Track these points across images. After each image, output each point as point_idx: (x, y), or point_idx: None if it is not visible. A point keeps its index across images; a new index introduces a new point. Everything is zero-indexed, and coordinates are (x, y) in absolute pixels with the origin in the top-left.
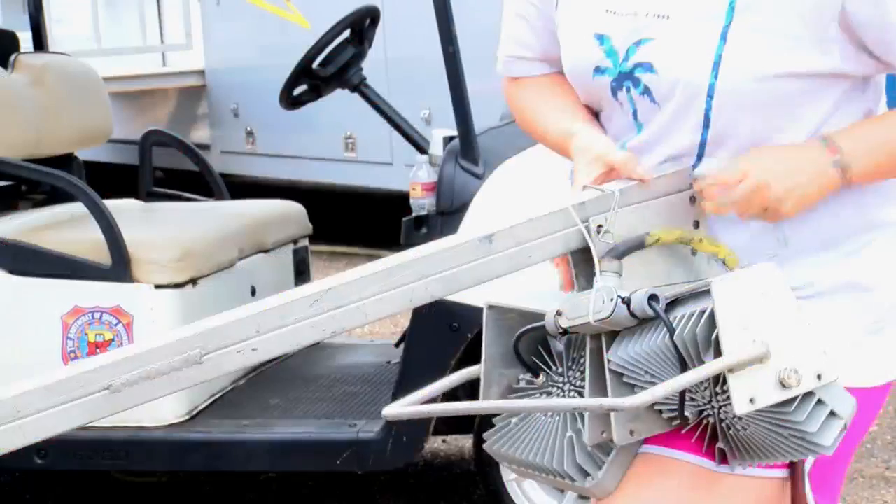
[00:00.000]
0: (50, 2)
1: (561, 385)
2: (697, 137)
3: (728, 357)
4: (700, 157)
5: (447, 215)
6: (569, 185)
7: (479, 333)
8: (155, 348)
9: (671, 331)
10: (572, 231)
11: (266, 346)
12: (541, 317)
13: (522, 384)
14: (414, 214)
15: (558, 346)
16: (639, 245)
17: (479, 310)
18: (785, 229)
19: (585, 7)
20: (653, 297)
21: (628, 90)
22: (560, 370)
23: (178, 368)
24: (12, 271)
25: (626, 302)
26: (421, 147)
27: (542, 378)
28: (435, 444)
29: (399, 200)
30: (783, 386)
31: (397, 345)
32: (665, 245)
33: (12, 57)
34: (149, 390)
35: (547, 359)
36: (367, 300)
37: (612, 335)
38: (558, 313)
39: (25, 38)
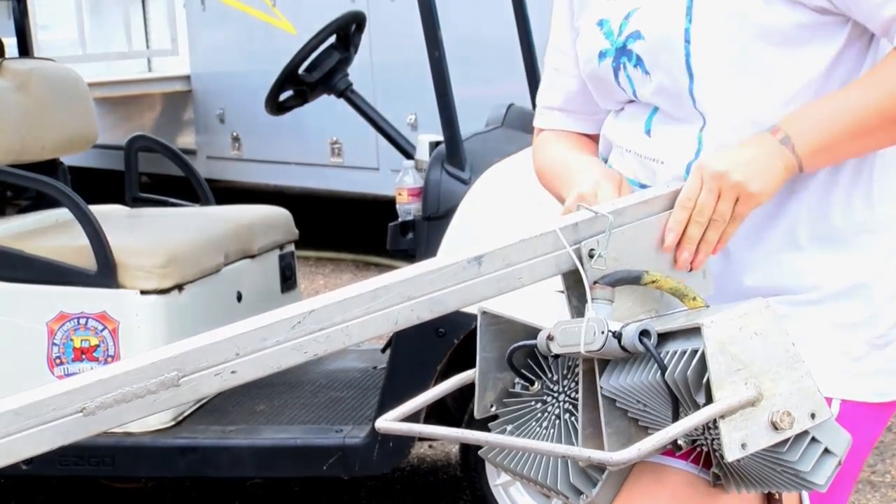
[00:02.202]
0: (35, 7)
1: (556, 394)
2: (687, 88)
3: (719, 404)
4: (701, 115)
5: (433, 220)
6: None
7: (466, 339)
8: (130, 370)
9: (663, 369)
10: (564, 253)
11: (245, 368)
12: (532, 331)
13: (518, 388)
14: (400, 220)
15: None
16: (634, 280)
17: (466, 315)
18: (798, 225)
19: (594, 6)
20: (644, 333)
21: (625, 67)
22: (555, 378)
23: (155, 391)
24: None
25: (618, 336)
26: (407, 152)
27: (537, 385)
28: (421, 449)
29: (385, 206)
30: (775, 428)
31: (383, 350)
32: (659, 286)
33: None
34: (124, 413)
35: (542, 363)
36: (351, 322)
37: (605, 360)
38: (550, 338)
39: (10, 44)
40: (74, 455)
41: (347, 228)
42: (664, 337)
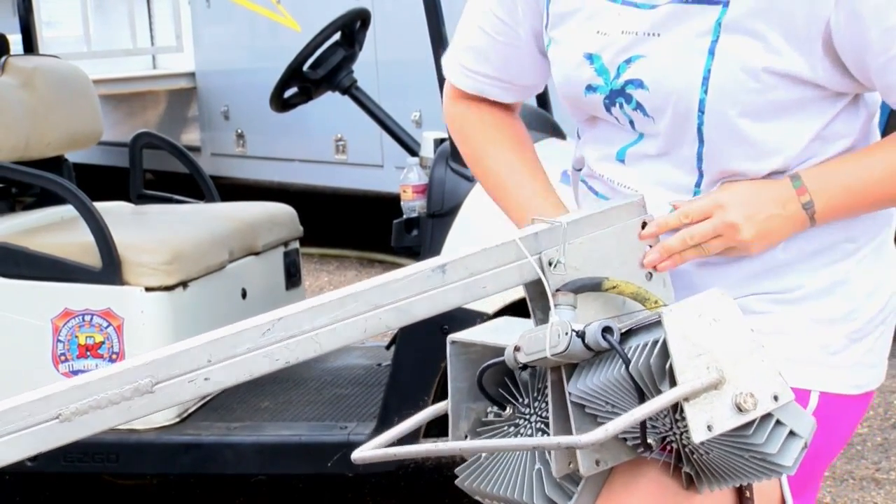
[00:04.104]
0: (40, 4)
1: (528, 417)
2: (694, 150)
3: (682, 387)
4: (701, 172)
5: (437, 218)
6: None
7: None
8: (105, 377)
9: (626, 362)
10: (526, 263)
11: (218, 375)
12: (503, 351)
13: (491, 416)
14: (404, 217)
15: (524, 376)
16: (595, 287)
17: (471, 312)
18: (776, 249)
19: (577, 27)
20: (606, 330)
21: (621, 106)
22: (526, 401)
23: (129, 398)
24: (2, 274)
25: (581, 335)
26: (411, 149)
27: (509, 410)
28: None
29: (390, 203)
30: (740, 410)
31: (388, 347)
32: (620, 292)
33: (2, 59)
34: (99, 420)
35: (513, 390)
36: (321, 330)
37: (572, 366)
38: (517, 349)
39: (15, 41)
40: (79, 452)
41: (352, 225)
42: (627, 335)
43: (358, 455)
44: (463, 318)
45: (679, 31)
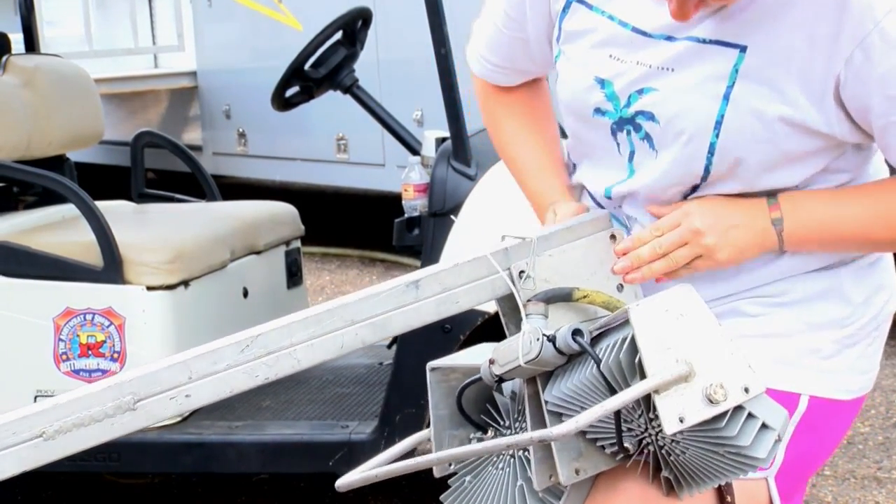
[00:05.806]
0: (41, 3)
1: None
2: (689, 188)
3: (652, 379)
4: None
5: (439, 217)
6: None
7: (471, 335)
8: (88, 395)
9: (597, 361)
10: (498, 277)
11: (199, 392)
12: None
13: (474, 442)
14: (406, 216)
15: (504, 399)
16: (566, 297)
17: (472, 311)
18: (779, 283)
19: (589, 48)
20: (576, 332)
21: (629, 133)
22: (507, 423)
23: (112, 415)
24: (3, 273)
25: (552, 340)
26: (413, 148)
27: (490, 433)
28: (428, 445)
29: (391, 202)
30: (711, 402)
31: (389, 346)
32: (591, 301)
33: (3, 58)
34: (83, 437)
35: (494, 414)
36: (298, 346)
37: (547, 377)
38: (491, 362)
39: (17, 40)
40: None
41: (353, 224)
42: (598, 338)
43: (342, 482)
44: (465, 317)
45: (694, 70)
